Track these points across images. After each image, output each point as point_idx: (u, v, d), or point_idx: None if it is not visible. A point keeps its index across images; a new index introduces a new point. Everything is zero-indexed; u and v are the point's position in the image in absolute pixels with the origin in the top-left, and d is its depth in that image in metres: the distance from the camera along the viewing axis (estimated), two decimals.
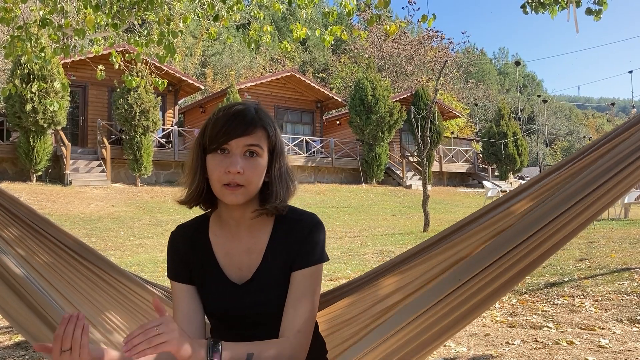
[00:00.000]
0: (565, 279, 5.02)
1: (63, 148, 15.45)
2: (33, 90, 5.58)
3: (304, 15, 4.51)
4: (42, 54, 4.17)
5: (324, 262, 1.26)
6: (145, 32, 4.66)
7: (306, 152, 21.01)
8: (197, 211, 1.32)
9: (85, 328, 1.00)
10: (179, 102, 21.78)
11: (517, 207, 1.31)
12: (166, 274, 1.33)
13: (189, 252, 1.30)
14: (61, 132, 15.85)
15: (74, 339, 0.98)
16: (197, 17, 4.84)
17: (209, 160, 1.19)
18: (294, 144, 20.71)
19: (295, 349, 1.18)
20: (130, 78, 4.86)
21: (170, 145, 18.32)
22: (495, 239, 1.24)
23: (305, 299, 1.22)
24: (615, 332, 3.31)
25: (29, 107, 14.00)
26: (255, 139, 1.18)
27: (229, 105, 1.23)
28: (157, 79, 4.97)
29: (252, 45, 4.69)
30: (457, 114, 26.77)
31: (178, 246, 1.32)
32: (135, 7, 4.06)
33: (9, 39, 4.07)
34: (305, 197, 16.32)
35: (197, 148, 1.23)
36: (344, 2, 4.33)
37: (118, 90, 15.98)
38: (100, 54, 5.27)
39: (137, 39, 4.49)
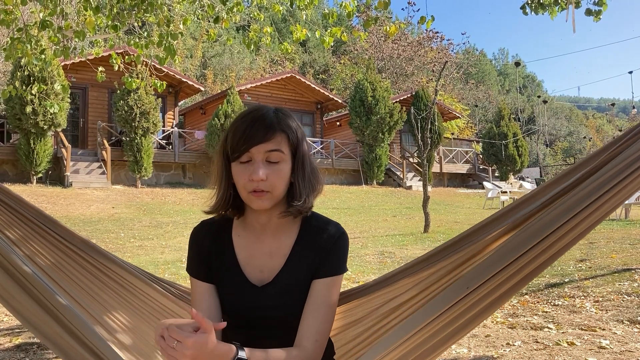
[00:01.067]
0: (566, 280, 5.02)
1: (63, 150, 15.45)
2: (33, 92, 5.58)
3: (304, 16, 4.51)
4: (42, 56, 4.17)
5: (344, 272, 1.28)
6: (145, 33, 4.66)
7: None
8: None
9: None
10: (179, 103, 21.78)
11: (526, 217, 1.32)
12: (185, 268, 1.34)
13: (210, 250, 1.30)
14: (61, 134, 15.85)
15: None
16: (197, 18, 4.84)
17: (233, 168, 1.21)
18: None
19: (313, 358, 1.20)
20: (130, 80, 4.87)
21: (171, 146, 18.33)
22: (503, 245, 1.25)
23: (325, 308, 1.23)
24: (616, 333, 3.31)
25: (29, 109, 13.99)
26: (275, 143, 1.18)
27: (247, 111, 1.23)
28: (156, 81, 4.97)
29: (252, 46, 4.69)
30: (457, 115, 26.77)
31: (200, 243, 1.32)
32: (135, 9, 4.06)
33: (9, 41, 4.07)
34: None
35: (221, 157, 1.24)
36: (343, 4, 4.33)
37: (118, 91, 15.99)
38: (100, 55, 5.28)
39: (137, 40, 4.49)
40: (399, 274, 1.45)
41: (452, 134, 29.66)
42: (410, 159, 22.48)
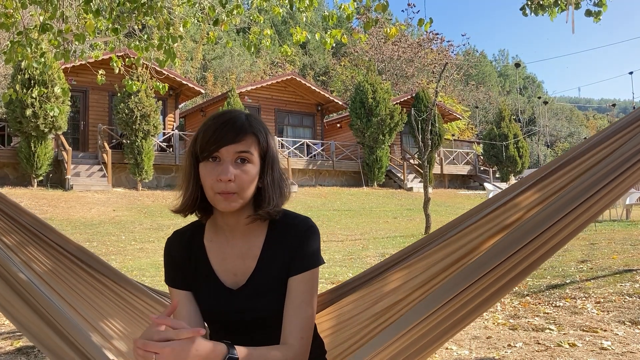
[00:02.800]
0: (567, 281, 5.01)
1: (64, 153, 15.47)
2: (34, 95, 5.61)
3: (304, 18, 4.51)
4: (43, 59, 4.18)
5: (320, 265, 1.27)
6: (146, 36, 4.67)
7: (307, 156, 21.01)
8: (195, 217, 1.33)
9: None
10: (180, 106, 21.80)
11: (521, 200, 1.32)
12: (164, 280, 1.34)
13: (184, 258, 1.30)
14: (62, 137, 15.87)
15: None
16: (197, 21, 4.85)
17: (202, 168, 1.20)
18: (294, 147, 20.73)
19: (300, 355, 1.20)
20: (130, 82, 4.87)
21: (171, 149, 18.34)
22: (501, 240, 1.25)
23: (305, 304, 1.22)
24: (617, 334, 3.30)
25: (29, 112, 14.01)
26: (245, 145, 1.18)
27: (219, 113, 1.24)
28: (158, 83, 4.97)
29: (252, 49, 4.69)
30: (458, 116, 26.78)
31: (173, 252, 1.33)
32: (135, 11, 4.07)
33: (10, 45, 4.08)
34: (306, 200, 16.32)
35: (190, 157, 1.24)
36: (343, 6, 4.34)
37: (119, 94, 16.00)
38: (100, 58, 5.29)
39: (138, 43, 4.50)
40: (392, 266, 1.45)
41: (453, 135, 29.65)
42: (411, 161, 22.48)
